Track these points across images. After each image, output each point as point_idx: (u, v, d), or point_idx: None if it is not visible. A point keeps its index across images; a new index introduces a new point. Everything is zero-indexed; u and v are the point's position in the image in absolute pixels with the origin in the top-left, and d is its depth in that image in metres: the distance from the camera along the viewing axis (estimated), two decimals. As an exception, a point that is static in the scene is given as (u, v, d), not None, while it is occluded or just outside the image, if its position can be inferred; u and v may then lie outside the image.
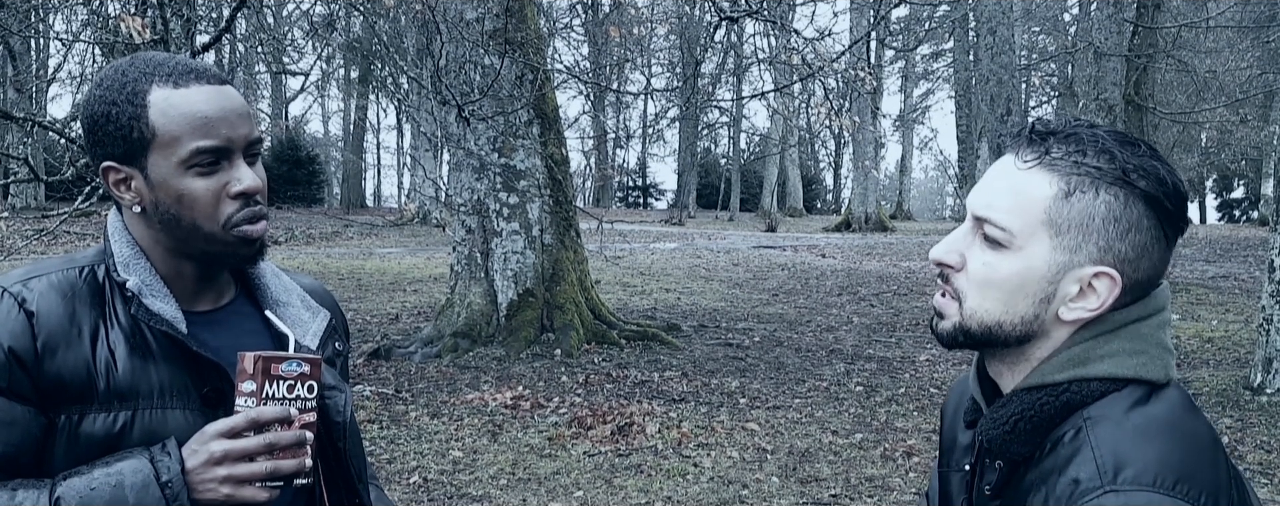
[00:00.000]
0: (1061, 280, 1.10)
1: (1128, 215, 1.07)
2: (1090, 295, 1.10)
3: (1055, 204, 1.08)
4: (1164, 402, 1.08)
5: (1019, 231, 1.09)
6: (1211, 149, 31.56)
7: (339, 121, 43.61)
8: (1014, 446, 1.11)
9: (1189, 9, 15.65)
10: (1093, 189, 1.07)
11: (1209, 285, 14.57)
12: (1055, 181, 1.08)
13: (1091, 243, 1.08)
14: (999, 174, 1.13)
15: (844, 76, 8.93)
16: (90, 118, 1.32)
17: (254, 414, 1.24)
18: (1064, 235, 1.08)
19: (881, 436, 6.08)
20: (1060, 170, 1.08)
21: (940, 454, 1.36)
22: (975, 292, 1.13)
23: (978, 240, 1.13)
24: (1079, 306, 1.10)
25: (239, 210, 1.32)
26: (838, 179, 48.42)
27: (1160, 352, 1.11)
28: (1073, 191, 1.07)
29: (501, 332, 8.67)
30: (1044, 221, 1.08)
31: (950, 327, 1.15)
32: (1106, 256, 1.08)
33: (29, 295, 1.29)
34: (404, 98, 27.27)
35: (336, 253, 18.54)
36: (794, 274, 15.96)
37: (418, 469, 5.36)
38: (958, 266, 1.14)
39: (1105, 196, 1.07)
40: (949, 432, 1.35)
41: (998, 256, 1.11)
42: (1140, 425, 1.05)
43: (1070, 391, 1.09)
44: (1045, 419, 1.09)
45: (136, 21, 5.61)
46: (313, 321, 1.47)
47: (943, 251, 1.15)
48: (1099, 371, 1.09)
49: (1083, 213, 1.07)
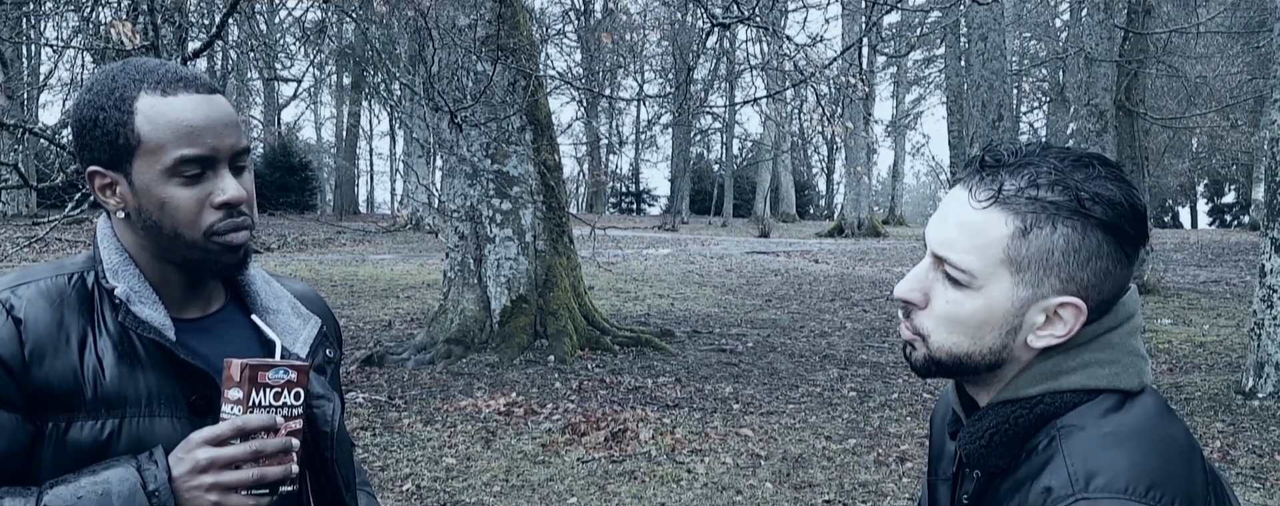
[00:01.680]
0: (1026, 312, 1.10)
1: (1087, 244, 1.07)
2: (1057, 323, 1.10)
3: (1013, 242, 1.07)
4: (1137, 409, 1.09)
5: (980, 272, 1.09)
6: (1202, 154, 31.67)
7: (332, 128, 43.59)
8: (991, 458, 1.12)
9: (1179, 14, 15.71)
10: (1049, 223, 1.06)
11: (1200, 290, 14.61)
12: (1011, 220, 1.07)
13: (1053, 276, 1.08)
14: (954, 210, 1.12)
15: (836, 82, 8.95)
16: (78, 121, 1.32)
17: (240, 421, 1.24)
18: (1025, 272, 1.08)
19: (875, 442, 6.08)
20: (1014, 208, 1.07)
21: (929, 462, 1.37)
22: (941, 329, 1.13)
23: (940, 276, 1.13)
24: (1047, 334, 1.10)
25: (222, 220, 1.31)
26: (830, 184, 48.51)
27: (1133, 360, 1.12)
28: (1030, 229, 1.07)
29: (495, 339, 8.66)
30: (1003, 260, 1.08)
31: (922, 359, 1.16)
32: (1069, 286, 1.08)
33: (17, 302, 1.28)
34: (397, 104, 27.26)
35: (330, 259, 18.51)
36: (787, 280, 15.97)
37: (411, 476, 5.35)
38: (921, 304, 1.15)
39: (1063, 229, 1.06)
40: (937, 442, 1.36)
41: (961, 295, 1.11)
42: (1112, 433, 1.05)
43: (1044, 403, 1.10)
44: (1020, 431, 1.10)
45: (127, 27, 5.59)
46: (303, 328, 1.46)
47: (906, 289, 1.15)
48: (1071, 384, 1.10)
49: (1042, 248, 1.07)
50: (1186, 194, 39.75)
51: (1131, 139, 13.35)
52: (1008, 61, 16.46)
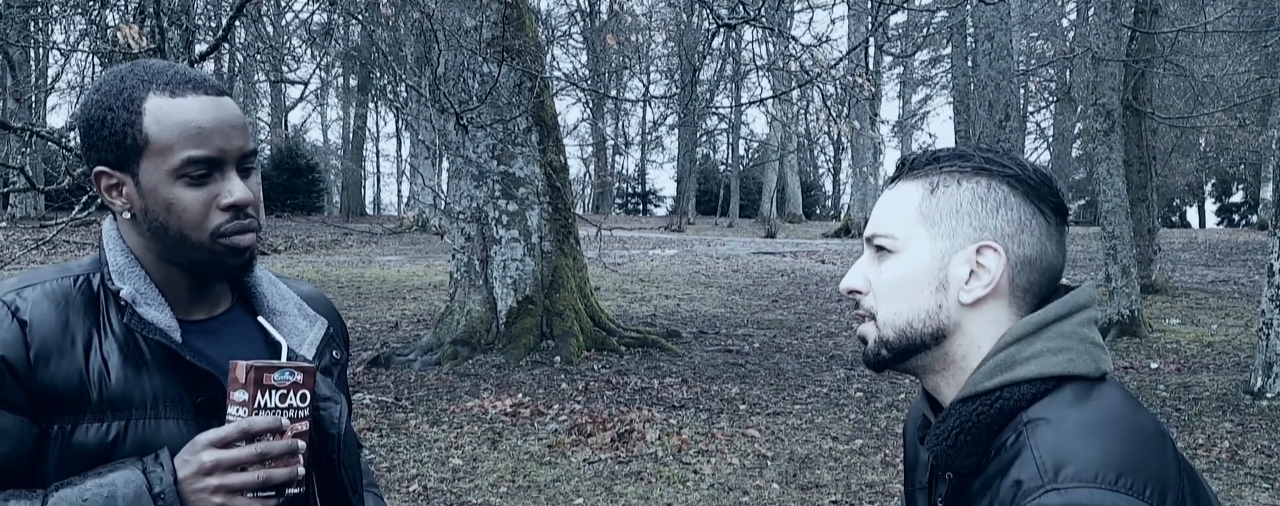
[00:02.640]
0: (948, 265, 1.15)
1: (993, 195, 1.15)
2: (981, 272, 1.14)
3: (924, 201, 1.17)
4: (1103, 399, 1.08)
5: (899, 233, 1.17)
6: (1210, 153, 31.57)
7: (338, 130, 43.66)
8: (959, 458, 1.12)
9: (1187, 14, 15.66)
10: (955, 181, 1.16)
11: (1208, 290, 14.56)
12: (920, 185, 1.18)
13: (965, 224, 1.15)
14: (878, 203, 1.23)
15: (842, 83, 8.94)
16: (86, 121, 1.31)
17: (246, 424, 1.24)
18: (939, 224, 1.16)
19: (882, 442, 6.07)
20: (922, 175, 1.19)
21: (905, 472, 1.38)
22: (883, 302, 1.19)
23: (874, 259, 1.21)
24: (974, 286, 1.15)
25: (228, 222, 1.31)
26: (837, 185, 48.46)
27: (1087, 348, 1.12)
28: (937, 188, 1.16)
29: (501, 340, 8.66)
30: (917, 218, 1.17)
31: (873, 345, 1.20)
32: (984, 233, 1.14)
33: (22, 304, 1.28)
34: (403, 106, 27.30)
35: (336, 261, 18.54)
36: (793, 280, 15.96)
37: (417, 477, 5.35)
38: (865, 289, 1.21)
39: (968, 184, 1.15)
40: (911, 451, 1.36)
41: (890, 261, 1.18)
42: (1079, 422, 1.05)
43: (1003, 397, 1.10)
44: (984, 427, 1.10)
45: (134, 30, 5.60)
46: (310, 330, 1.45)
47: (850, 280, 1.23)
48: (1026, 373, 1.10)
49: (950, 201, 1.16)
50: (1194, 193, 39.62)
51: (1139, 138, 13.31)
52: (1014, 61, 16.43)
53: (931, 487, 1.24)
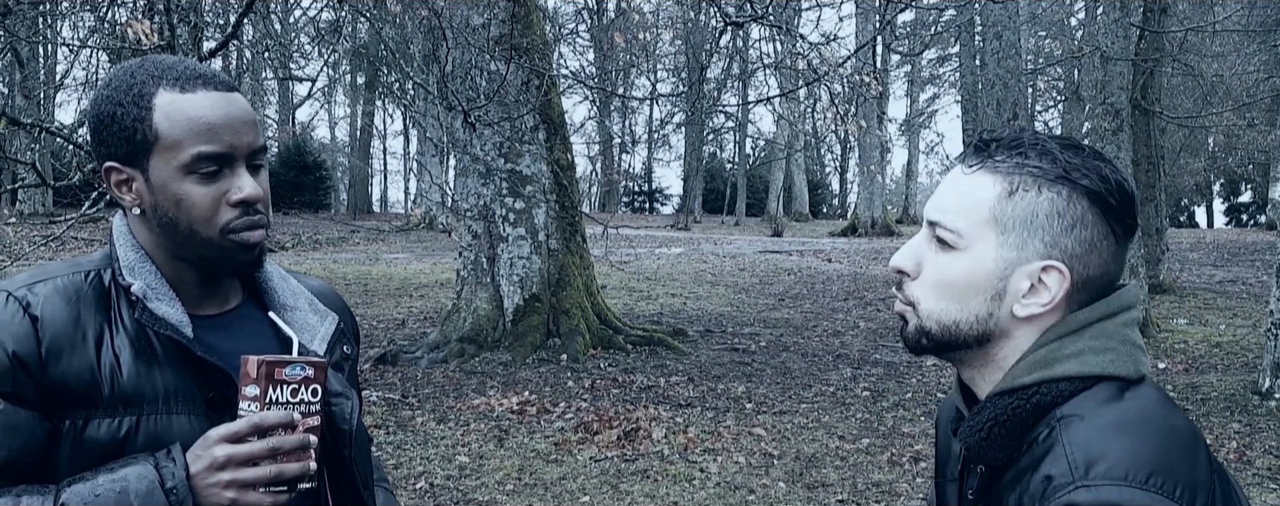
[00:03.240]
0: (1010, 276, 1.12)
1: (1071, 211, 1.10)
2: (1042, 290, 1.12)
3: (999, 203, 1.11)
4: (1137, 398, 1.08)
5: (966, 231, 1.12)
6: (1219, 153, 31.48)
7: (345, 127, 43.65)
8: (991, 451, 1.12)
9: (1196, 13, 15.61)
10: (1035, 187, 1.10)
11: (1217, 289, 14.52)
12: (998, 182, 1.12)
13: (1037, 238, 1.10)
14: (948, 180, 1.17)
15: (850, 81, 8.93)
16: (96, 117, 1.31)
17: (257, 418, 1.24)
18: (1010, 233, 1.11)
19: (888, 441, 6.07)
20: (1002, 171, 1.12)
21: (937, 465, 1.37)
22: (930, 295, 1.16)
23: (932, 245, 1.16)
24: (1031, 302, 1.12)
25: (238, 218, 1.31)
26: (844, 183, 48.40)
27: (1128, 349, 1.11)
28: (1015, 190, 1.11)
29: (507, 338, 8.67)
30: (989, 220, 1.11)
31: (913, 331, 1.18)
32: (1053, 251, 1.10)
33: (33, 299, 1.28)
34: (410, 103, 27.33)
35: (343, 258, 18.56)
36: (800, 279, 15.94)
37: (424, 474, 5.36)
38: (913, 273, 1.17)
39: (1048, 194, 1.10)
40: (943, 444, 1.36)
41: (949, 257, 1.14)
42: (1113, 420, 1.05)
43: (1040, 393, 1.10)
44: (1019, 422, 1.10)
45: (144, 27, 5.61)
46: (320, 325, 1.46)
47: (901, 258, 1.18)
48: (1065, 371, 1.10)
49: (1026, 209, 1.10)
50: (1202, 193, 39.52)
51: (1147, 138, 13.27)
52: (1023, 60, 16.39)
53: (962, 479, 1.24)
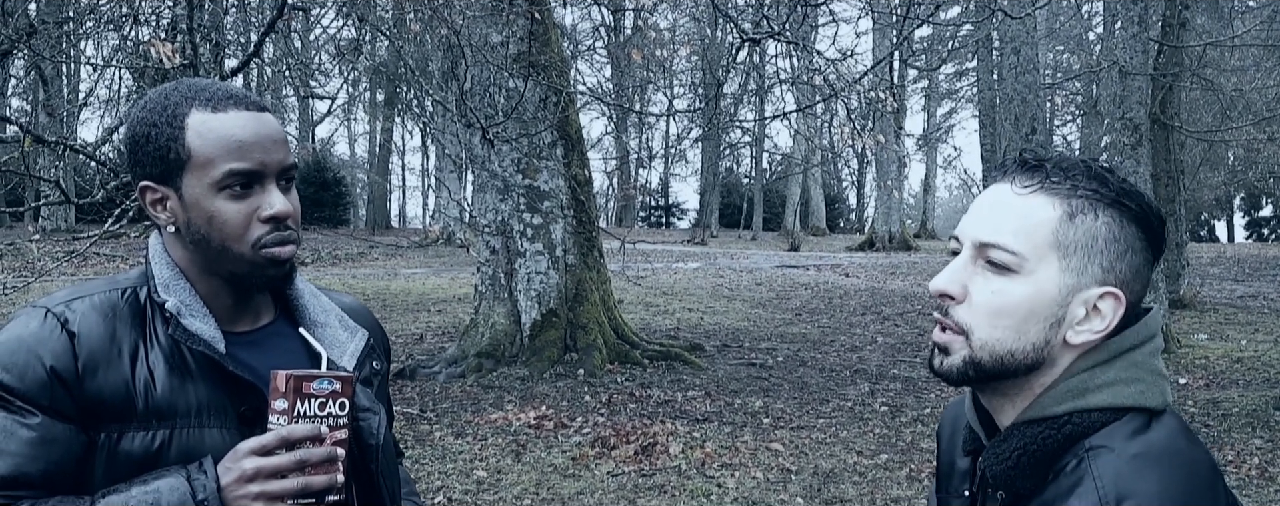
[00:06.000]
0: (1070, 302, 1.10)
1: (1125, 236, 1.10)
2: (1096, 317, 1.10)
3: (1061, 226, 1.09)
4: (1163, 430, 1.08)
5: (1029, 254, 1.09)
6: (1239, 167, 31.25)
7: (365, 144, 43.93)
8: (1019, 481, 1.11)
9: (1215, 27, 15.55)
10: (1093, 210, 1.09)
11: (1238, 305, 14.41)
12: (1059, 204, 1.09)
13: (1096, 264, 1.09)
14: (996, 201, 1.12)
15: (867, 96, 8.94)
16: (131, 138, 1.36)
17: (285, 432, 1.27)
18: (1072, 257, 1.09)
19: (907, 457, 6.05)
20: (1060, 193, 1.10)
21: (938, 478, 1.36)
22: (985, 322, 1.11)
23: (980, 268, 1.12)
24: (1086, 329, 1.10)
25: (268, 233, 1.35)
26: (861, 198, 48.31)
27: (1156, 379, 1.11)
28: (1076, 213, 1.09)
29: (525, 352, 8.70)
30: (1052, 243, 1.09)
31: (960, 363, 1.13)
32: (1109, 277, 1.10)
33: (71, 315, 1.32)
34: (429, 120, 27.47)
35: (362, 273, 18.65)
36: (817, 293, 15.92)
37: (442, 488, 5.38)
38: (959, 297, 1.13)
39: (1105, 218, 1.09)
40: (946, 457, 1.34)
41: (1007, 282, 1.10)
42: (1141, 454, 1.05)
43: (1071, 423, 1.09)
44: (1048, 452, 1.09)
45: (166, 47, 5.68)
46: (350, 341, 1.49)
47: (945, 281, 1.13)
48: (1098, 402, 1.09)
49: (1087, 234, 1.09)
50: (1223, 208, 39.22)
51: (1167, 152, 13.22)
52: (1041, 74, 16.35)
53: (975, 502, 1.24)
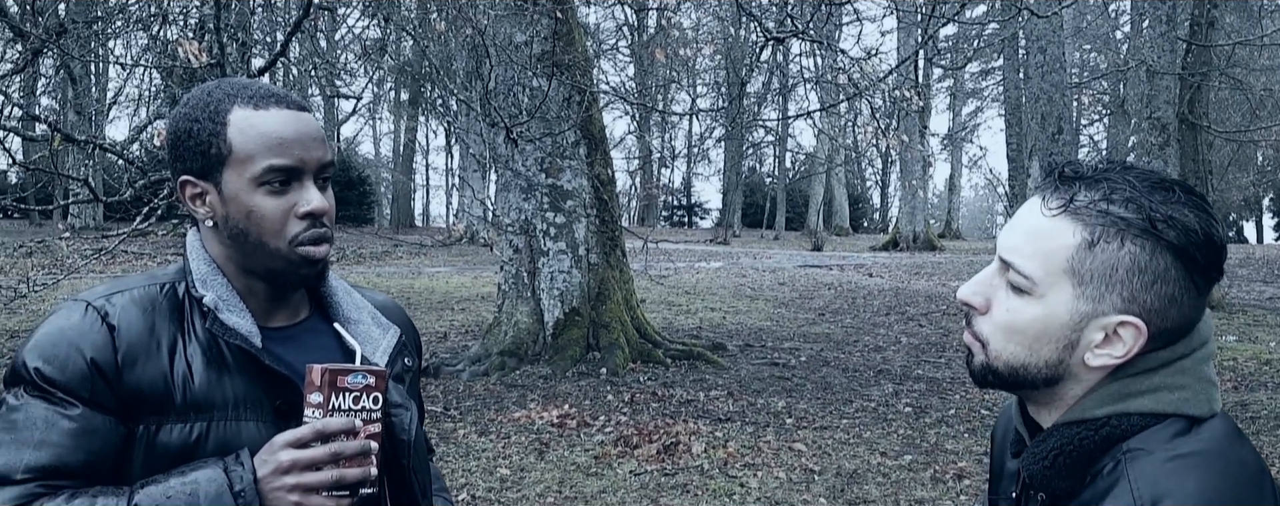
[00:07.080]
0: (1085, 328, 1.08)
1: (1154, 266, 1.05)
2: (1115, 342, 1.08)
3: (1078, 253, 1.06)
4: (1206, 433, 1.07)
5: (1041, 279, 1.08)
6: (1268, 167, 30.93)
7: (389, 143, 44.18)
8: (1055, 481, 1.10)
9: (1244, 26, 15.40)
10: (1117, 239, 1.05)
11: (1267, 306, 14.26)
12: (1079, 231, 1.06)
13: (1115, 293, 1.06)
14: (1025, 217, 1.12)
15: (891, 96, 8.92)
16: (174, 134, 1.39)
17: (320, 424, 1.29)
18: (1087, 285, 1.07)
19: (931, 458, 6.03)
20: (1084, 219, 1.06)
21: (990, 481, 1.36)
22: (999, 336, 1.12)
23: (1003, 283, 1.12)
24: (1104, 353, 1.09)
25: (305, 230, 1.38)
26: (885, 197, 48.13)
27: (1203, 386, 1.10)
28: (1097, 242, 1.06)
29: (548, 351, 8.72)
30: (1067, 270, 1.07)
31: (979, 366, 1.15)
32: (1131, 306, 1.06)
33: (111, 309, 1.35)
34: (453, 120, 27.60)
35: (386, 272, 18.76)
36: (840, 293, 15.87)
37: (466, 486, 5.41)
38: (982, 309, 1.14)
39: (1130, 247, 1.05)
40: (998, 459, 1.34)
41: (1021, 302, 1.10)
42: (1180, 456, 1.03)
43: (1111, 425, 1.08)
44: (1085, 453, 1.09)
45: (194, 46, 5.75)
46: (383, 338, 1.52)
47: (969, 292, 1.14)
48: (1140, 407, 1.08)
49: (1106, 263, 1.06)
50: (1251, 208, 38.83)
51: (1195, 152, 13.10)
52: (1067, 74, 16.24)
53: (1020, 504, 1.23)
